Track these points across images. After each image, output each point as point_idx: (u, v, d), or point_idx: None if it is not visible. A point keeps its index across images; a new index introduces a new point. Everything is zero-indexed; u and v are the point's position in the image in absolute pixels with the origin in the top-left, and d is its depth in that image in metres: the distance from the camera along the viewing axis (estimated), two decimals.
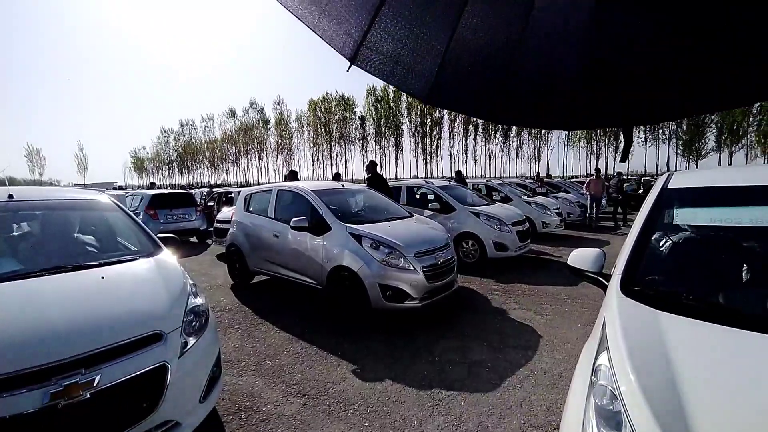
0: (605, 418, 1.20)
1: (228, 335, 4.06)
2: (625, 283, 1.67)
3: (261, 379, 3.13)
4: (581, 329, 3.97)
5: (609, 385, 1.25)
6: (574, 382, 1.53)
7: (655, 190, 2.18)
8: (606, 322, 1.53)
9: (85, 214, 3.32)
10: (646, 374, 1.20)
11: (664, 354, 1.25)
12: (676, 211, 2.09)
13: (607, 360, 1.33)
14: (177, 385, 1.97)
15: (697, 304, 1.52)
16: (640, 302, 1.53)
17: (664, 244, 1.96)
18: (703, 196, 2.07)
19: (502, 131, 69.31)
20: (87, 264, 2.46)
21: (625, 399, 1.16)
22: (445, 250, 4.59)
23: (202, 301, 2.45)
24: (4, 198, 2.79)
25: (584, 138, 62.23)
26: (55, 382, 1.62)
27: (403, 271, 4.06)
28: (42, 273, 2.25)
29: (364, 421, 2.56)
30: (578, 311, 4.53)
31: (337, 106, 76.68)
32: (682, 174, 2.29)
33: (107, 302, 2.10)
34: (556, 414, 2.57)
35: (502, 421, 2.54)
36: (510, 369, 3.21)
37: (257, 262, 5.53)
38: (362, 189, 6.05)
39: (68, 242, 2.94)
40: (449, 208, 7.33)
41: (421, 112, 70.89)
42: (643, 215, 2.03)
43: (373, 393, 2.90)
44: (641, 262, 1.80)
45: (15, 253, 2.65)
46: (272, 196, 5.49)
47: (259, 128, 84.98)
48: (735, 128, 50.76)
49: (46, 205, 3.15)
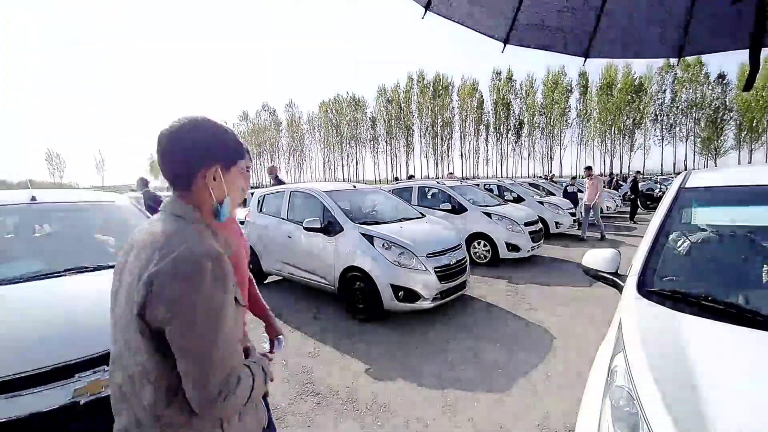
0: (622, 419, 1.19)
1: None
2: (641, 284, 1.65)
3: (275, 378, 3.17)
4: (595, 330, 3.92)
5: (626, 386, 1.24)
6: (590, 383, 1.52)
7: (673, 190, 2.14)
8: (622, 323, 1.51)
9: (105, 215, 3.41)
10: (664, 375, 1.18)
11: (682, 355, 1.23)
12: (694, 210, 2.06)
13: (624, 361, 1.32)
14: None
15: (715, 306, 1.49)
16: (657, 303, 1.51)
17: (682, 244, 1.92)
18: (722, 195, 2.03)
19: (514, 130, 68.60)
20: (108, 264, 2.53)
21: (643, 400, 1.14)
22: (457, 250, 4.58)
23: None
24: (27, 200, 2.88)
25: (598, 136, 61.16)
26: (78, 379, 1.68)
27: (414, 272, 4.06)
28: (65, 273, 2.32)
29: (377, 421, 2.58)
30: (592, 312, 4.47)
31: (347, 107, 76.96)
32: (700, 173, 2.25)
33: None
34: (571, 416, 2.55)
35: (516, 422, 2.52)
36: (523, 370, 3.19)
37: (271, 263, 5.59)
38: (374, 190, 6.07)
39: (90, 243, 3.02)
40: (461, 209, 7.30)
41: (432, 112, 70.60)
42: (660, 215, 2.00)
43: (386, 393, 2.91)
44: (658, 263, 1.77)
45: (39, 254, 2.74)
46: (285, 197, 5.55)
47: (271, 130, 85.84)
48: (754, 125, 49.34)
49: (68, 207, 3.23)
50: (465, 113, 70.62)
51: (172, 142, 0.92)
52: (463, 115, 70.81)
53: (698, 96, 54.30)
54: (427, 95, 70.18)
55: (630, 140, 59.59)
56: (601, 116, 58.94)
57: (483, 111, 69.47)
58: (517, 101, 67.69)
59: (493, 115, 69.27)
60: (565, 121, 63.90)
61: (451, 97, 70.46)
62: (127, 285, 0.88)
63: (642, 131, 59.28)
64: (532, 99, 65.67)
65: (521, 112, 67.80)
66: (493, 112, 69.09)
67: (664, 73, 54.77)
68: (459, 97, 70.04)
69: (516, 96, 67.50)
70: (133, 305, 0.84)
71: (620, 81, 56.46)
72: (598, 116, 59.83)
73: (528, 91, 65.99)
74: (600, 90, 58.70)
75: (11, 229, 2.98)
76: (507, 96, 66.98)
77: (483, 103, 69.34)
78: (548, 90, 63.21)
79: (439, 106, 69.94)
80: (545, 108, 64.31)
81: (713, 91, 53.62)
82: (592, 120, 61.20)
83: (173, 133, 0.92)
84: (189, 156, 0.93)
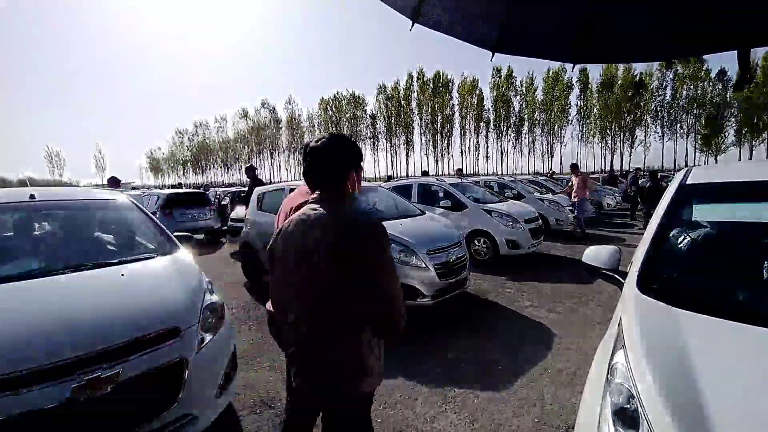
0: (622, 416, 1.18)
1: (242, 332, 4.12)
2: (642, 281, 1.64)
3: (275, 375, 3.17)
4: (596, 327, 3.92)
5: (626, 383, 1.24)
6: (590, 380, 1.51)
7: (674, 186, 2.13)
8: (622, 320, 1.50)
9: (105, 213, 3.40)
10: (665, 372, 1.18)
11: (683, 352, 1.22)
12: (695, 207, 2.05)
13: (624, 358, 1.31)
14: (194, 380, 2.01)
15: (716, 302, 1.49)
16: (657, 300, 1.50)
17: (683, 240, 1.92)
18: (723, 191, 2.02)
19: (514, 128, 68.49)
20: (107, 262, 2.53)
21: (643, 397, 1.14)
22: (457, 247, 4.57)
23: (217, 298, 2.49)
24: (26, 198, 2.87)
25: (599, 133, 61.05)
26: (77, 376, 1.67)
27: (414, 269, 4.06)
28: (65, 270, 2.32)
29: (377, 418, 2.58)
30: (593, 309, 4.47)
31: (347, 105, 76.81)
32: (701, 169, 2.24)
33: (127, 299, 2.16)
34: (570, 413, 2.55)
35: (515, 419, 2.53)
36: (523, 367, 3.19)
37: None
38: (373, 187, 6.05)
39: (89, 240, 3.02)
40: (461, 206, 7.29)
41: (432, 109, 70.50)
42: (660, 211, 1.98)
43: (386, 390, 2.91)
44: (659, 259, 1.76)
45: (38, 252, 2.74)
46: (284, 194, 5.54)
47: (270, 128, 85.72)
48: (755, 122, 49.21)
49: (67, 205, 3.22)
50: (465, 110, 70.48)
51: (329, 156, 1.32)
52: (463, 112, 70.68)
53: (699, 93, 54.16)
54: (427, 92, 70.03)
55: (630, 137, 59.49)
56: (602, 113, 58.80)
57: (483, 108, 69.34)
58: (518, 98, 67.61)
59: (493, 112, 69.13)
60: (565, 117, 63.77)
61: (451, 94, 70.32)
62: (311, 254, 1.23)
63: (642, 128, 59.18)
64: (533, 96, 65.53)
65: (521, 109, 67.67)
66: (493, 109, 68.96)
67: (664, 69, 54.63)
68: (459, 94, 69.90)
69: (516, 93, 67.37)
70: (332, 265, 1.20)
71: (620, 78, 56.29)
72: (598, 113, 59.69)
73: (528, 88, 65.86)
74: (600, 86, 58.54)
75: (10, 227, 2.98)
76: (507, 93, 66.84)
77: (483, 100, 69.23)
78: (548, 87, 63.05)
79: (439, 103, 69.79)
80: (545, 105, 64.17)
81: (714, 87, 53.50)
82: (593, 116, 61.06)
83: (329, 148, 1.33)
84: (345, 164, 1.35)
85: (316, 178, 1.35)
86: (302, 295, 1.28)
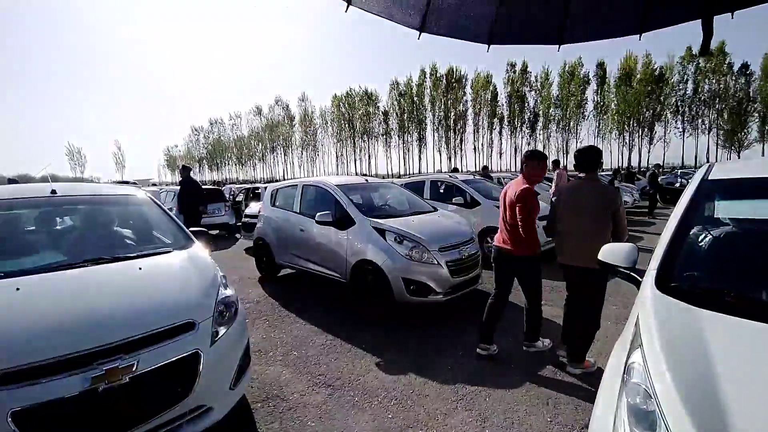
0: (638, 417, 1.16)
1: (256, 326, 4.18)
2: (661, 279, 1.59)
3: (288, 370, 3.21)
4: (612, 326, 3.85)
5: (643, 383, 1.21)
6: (605, 380, 1.48)
7: (695, 182, 2.07)
8: (640, 319, 1.47)
9: (123, 208, 3.47)
10: (683, 372, 1.14)
11: (702, 352, 1.19)
12: (717, 203, 1.99)
13: (641, 358, 1.28)
14: (209, 372, 2.04)
15: (737, 301, 1.44)
16: (676, 298, 1.46)
17: (704, 238, 1.86)
18: (746, 187, 1.95)
19: (529, 124, 67.43)
20: (126, 256, 2.59)
21: (660, 398, 1.11)
22: (469, 244, 4.54)
23: (231, 293, 2.53)
24: (47, 193, 2.95)
25: (616, 129, 59.60)
26: (96, 366, 1.72)
27: (426, 266, 4.04)
28: (85, 264, 2.38)
29: (388, 413, 2.58)
30: (608, 308, 4.37)
31: (360, 101, 76.73)
32: (723, 165, 2.17)
33: (145, 292, 2.21)
34: (585, 412, 2.51)
35: (528, 417, 2.50)
36: (536, 365, 3.16)
37: (284, 256, 5.64)
38: (386, 184, 6.05)
39: (108, 235, 3.09)
40: (474, 203, 7.22)
41: (445, 106, 69.85)
42: (681, 208, 1.93)
43: (397, 386, 2.91)
44: (679, 257, 1.71)
45: (59, 245, 2.81)
46: (297, 191, 5.58)
47: (284, 125, 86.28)
48: None
49: (87, 200, 3.29)
50: (479, 106, 69.68)
51: (590, 154, 2.95)
52: (476, 109, 69.88)
53: (721, 87, 52.38)
54: (440, 88, 69.43)
55: (649, 133, 57.94)
56: (620, 108, 57.35)
57: (497, 104, 68.42)
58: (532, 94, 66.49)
59: (507, 108, 68.18)
60: (581, 113, 62.47)
61: (465, 90, 69.59)
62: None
63: (662, 123, 57.56)
64: (548, 91, 64.35)
65: (536, 105, 66.56)
66: (507, 105, 68.00)
67: (686, 63, 53.00)
68: (472, 89, 69.12)
69: (531, 88, 66.27)
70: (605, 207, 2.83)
71: (640, 71, 54.79)
72: (616, 108, 58.25)
73: (543, 83, 64.69)
74: (618, 81, 57.09)
75: (33, 221, 3.07)
76: (522, 88, 65.79)
77: (497, 96, 68.29)
78: (564, 82, 61.80)
79: (453, 99, 69.13)
80: (561, 100, 62.96)
81: (737, 81, 51.63)
82: (610, 112, 59.63)
83: (587, 150, 2.95)
84: (597, 158, 2.94)
85: (582, 166, 2.98)
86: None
